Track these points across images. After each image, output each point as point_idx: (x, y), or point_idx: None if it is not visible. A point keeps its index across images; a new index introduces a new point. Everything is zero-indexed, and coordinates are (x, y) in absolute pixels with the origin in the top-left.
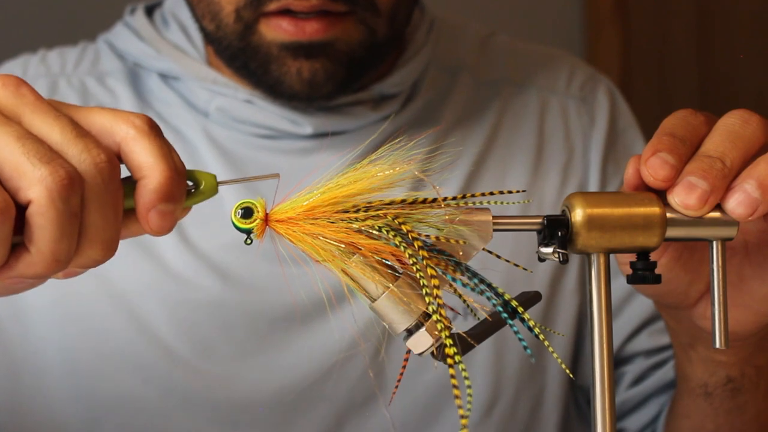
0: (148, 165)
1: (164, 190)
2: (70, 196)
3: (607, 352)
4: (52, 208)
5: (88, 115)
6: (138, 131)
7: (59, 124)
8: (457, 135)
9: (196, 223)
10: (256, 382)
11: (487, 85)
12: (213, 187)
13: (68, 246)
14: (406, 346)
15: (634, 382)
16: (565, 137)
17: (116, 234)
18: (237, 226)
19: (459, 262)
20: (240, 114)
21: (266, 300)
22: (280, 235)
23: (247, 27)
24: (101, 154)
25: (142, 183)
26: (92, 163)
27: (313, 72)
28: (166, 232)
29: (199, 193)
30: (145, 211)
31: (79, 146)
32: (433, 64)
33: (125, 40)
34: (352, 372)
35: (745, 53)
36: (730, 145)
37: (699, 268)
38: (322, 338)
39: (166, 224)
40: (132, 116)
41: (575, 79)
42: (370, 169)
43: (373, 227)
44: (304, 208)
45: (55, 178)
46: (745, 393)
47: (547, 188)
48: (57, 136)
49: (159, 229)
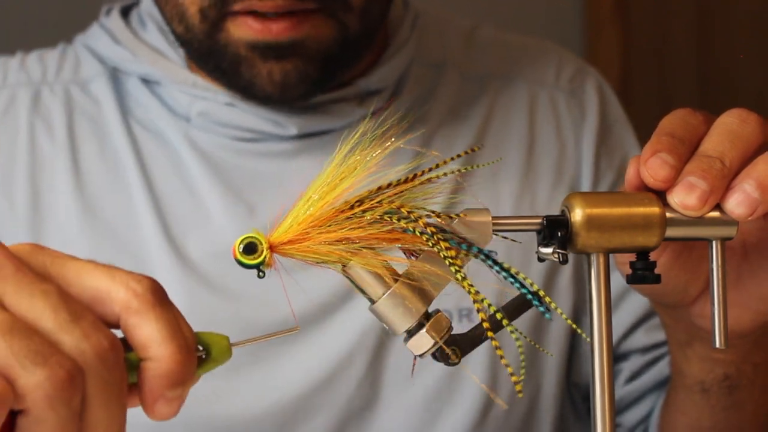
0: (155, 345)
1: (174, 375)
2: (72, 397)
3: (607, 352)
4: (52, 416)
5: (78, 276)
6: (141, 302)
7: (50, 303)
8: (445, 131)
9: (185, 232)
10: (251, 395)
11: (474, 79)
12: (225, 351)
13: None
14: (407, 347)
15: (630, 378)
16: (556, 131)
17: (122, 424)
18: (245, 264)
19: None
20: (222, 117)
21: (260, 311)
22: (291, 257)
23: (213, 26)
24: (102, 340)
25: (149, 366)
26: (93, 353)
27: (284, 73)
28: (172, 417)
29: (211, 361)
30: (152, 400)
31: (77, 333)
32: (417, 59)
33: (101, 43)
34: (350, 380)
35: (745, 53)
36: (729, 145)
37: (697, 267)
38: (319, 348)
39: (173, 409)
40: (132, 281)
41: (564, 72)
42: (355, 159)
43: (381, 216)
44: (306, 221)
45: (53, 383)
46: (742, 390)
47: (539, 184)
48: (49, 321)
49: (166, 416)
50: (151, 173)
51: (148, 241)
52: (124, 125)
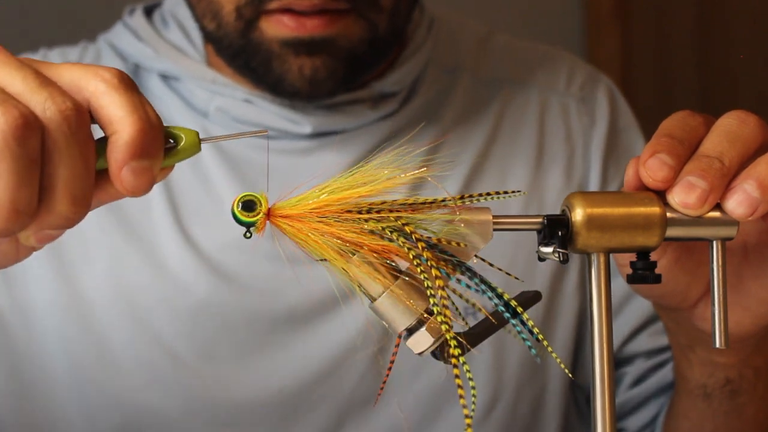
0: (118, 119)
1: (136, 144)
2: (26, 138)
3: (607, 352)
4: (6, 151)
5: (55, 70)
6: (108, 85)
7: (21, 73)
8: (457, 135)
9: (197, 221)
10: (256, 384)
11: (486, 84)
12: (194, 143)
13: (29, 195)
14: (407, 345)
15: (634, 382)
16: (566, 137)
17: (88, 189)
18: (238, 219)
19: (461, 262)
20: (239, 114)
21: (267, 301)
22: (281, 231)
23: (247, 24)
24: (67, 101)
25: (113, 139)
26: (57, 111)
27: (314, 69)
28: (143, 192)
29: (180, 151)
30: (117, 169)
31: (43, 94)
32: (432, 63)
33: (124, 40)
34: (353, 372)
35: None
36: (728, 145)
37: (698, 270)
38: (323, 339)
39: (141, 183)
40: (101, 70)
41: (575, 79)
42: (376, 171)
43: (382, 229)
44: (311, 206)
45: (7, 119)
46: (743, 394)
47: (547, 189)
48: (18, 84)
49: (133, 188)
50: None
51: (159, 229)
52: None
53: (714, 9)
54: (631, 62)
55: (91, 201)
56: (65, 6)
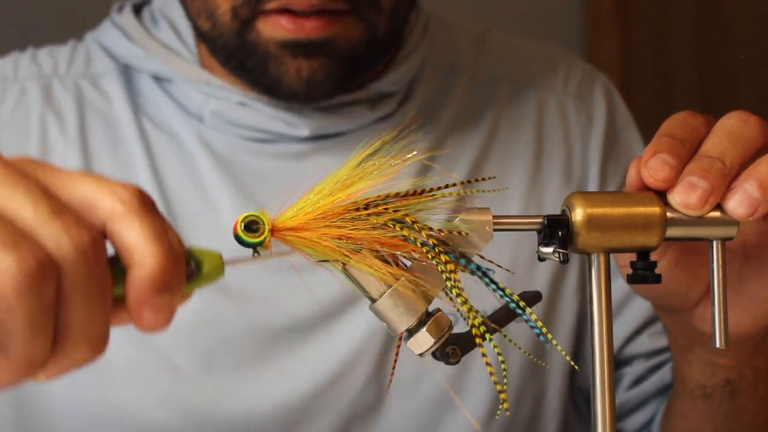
0: (139, 249)
1: (159, 279)
2: (43, 287)
3: (608, 353)
4: (19, 301)
5: (66, 184)
6: (126, 208)
7: (32, 198)
8: (455, 134)
9: (194, 231)
10: (257, 396)
11: (484, 84)
12: (218, 267)
13: (43, 345)
14: (407, 347)
15: (633, 383)
16: (564, 137)
17: (106, 330)
18: (245, 242)
19: (464, 255)
20: (235, 117)
21: (267, 311)
22: (288, 244)
23: (244, 25)
24: (83, 234)
25: (133, 273)
26: (72, 246)
27: (311, 71)
28: (163, 329)
29: (201, 277)
30: (137, 306)
31: (56, 226)
32: (429, 63)
33: (113, 39)
34: (355, 382)
35: (745, 53)
36: (729, 146)
37: (698, 271)
38: (325, 349)
39: (161, 320)
40: (118, 188)
41: (572, 78)
42: (372, 165)
43: (384, 223)
44: (312, 213)
45: (22, 268)
46: (743, 395)
47: (546, 189)
48: (29, 214)
49: (154, 326)
50: (162, 170)
51: None
52: (135, 122)
53: (714, 9)
54: (631, 62)
55: (108, 339)
56: (65, 6)
